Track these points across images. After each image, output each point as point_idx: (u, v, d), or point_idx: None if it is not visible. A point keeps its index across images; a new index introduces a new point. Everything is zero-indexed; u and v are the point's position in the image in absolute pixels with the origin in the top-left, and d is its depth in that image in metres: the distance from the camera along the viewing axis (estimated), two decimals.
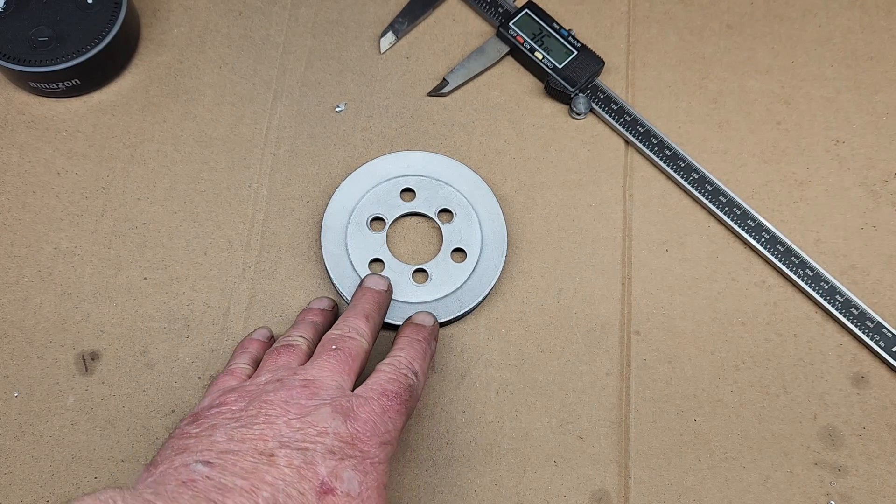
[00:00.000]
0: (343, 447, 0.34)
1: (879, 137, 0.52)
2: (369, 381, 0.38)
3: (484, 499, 0.44)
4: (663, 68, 0.53)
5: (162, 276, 0.48)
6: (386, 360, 0.40)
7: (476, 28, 0.54)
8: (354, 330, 0.40)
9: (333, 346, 0.39)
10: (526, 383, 0.46)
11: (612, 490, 0.44)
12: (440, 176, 0.49)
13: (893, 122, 0.52)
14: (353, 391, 0.38)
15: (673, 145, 0.50)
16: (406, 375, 0.39)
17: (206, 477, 0.31)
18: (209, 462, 0.32)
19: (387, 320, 0.46)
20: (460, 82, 0.52)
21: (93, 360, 0.46)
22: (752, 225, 0.49)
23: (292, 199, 0.50)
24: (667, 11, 0.55)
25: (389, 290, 0.45)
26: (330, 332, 0.41)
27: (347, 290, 0.46)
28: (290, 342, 0.41)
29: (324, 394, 0.36)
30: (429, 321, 0.44)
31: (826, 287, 0.48)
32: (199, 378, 0.46)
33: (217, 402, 0.37)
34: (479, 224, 0.49)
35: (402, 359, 0.40)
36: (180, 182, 0.50)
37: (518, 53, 0.53)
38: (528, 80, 0.53)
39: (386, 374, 0.39)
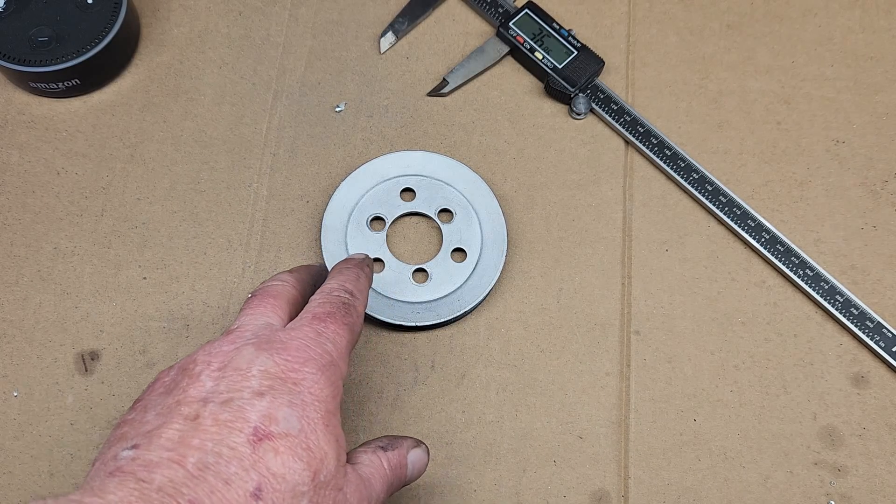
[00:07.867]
0: (273, 384, 0.32)
1: (879, 137, 0.52)
2: (300, 314, 0.36)
3: (484, 499, 0.44)
4: (663, 68, 0.53)
5: (161, 275, 0.48)
6: (315, 292, 0.38)
7: (476, 28, 0.54)
8: (275, 279, 0.39)
9: (250, 295, 0.38)
10: (526, 383, 0.46)
11: (611, 490, 0.44)
12: (440, 176, 0.49)
13: (893, 122, 0.52)
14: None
15: (673, 145, 0.50)
16: (338, 296, 0.37)
17: (132, 459, 0.29)
18: (136, 445, 0.30)
19: (386, 319, 0.46)
20: (460, 82, 0.52)
21: (92, 359, 0.46)
22: (752, 225, 0.49)
23: (292, 199, 0.50)
24: (667, 11, 0.55)
25: (322, 267, 0.44)
26: None
27: None
28: None
29: (247, 335, 0.34)
30: (358, 255, 0.42)
31: (826, 287, 0.48)
32: None
33: (154, 380, 0.35)
34: (479, 224, 0.49)
35: (332, 284, 0.38)
36: (180, 182, 0.50)
37: (518, 53, 0.53)
38: (528, 80, 0.53)
39: (316, 301, 0.37)
